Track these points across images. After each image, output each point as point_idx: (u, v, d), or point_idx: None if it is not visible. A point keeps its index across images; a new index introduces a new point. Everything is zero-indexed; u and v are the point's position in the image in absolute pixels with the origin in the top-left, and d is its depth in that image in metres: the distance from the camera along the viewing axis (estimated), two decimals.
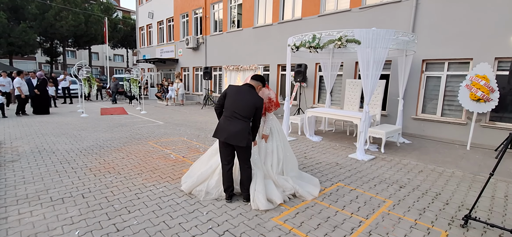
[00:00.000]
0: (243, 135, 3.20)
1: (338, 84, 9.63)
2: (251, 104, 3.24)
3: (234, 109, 3.25)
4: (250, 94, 3.31)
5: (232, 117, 3.25)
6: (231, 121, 3.25)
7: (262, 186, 3.41)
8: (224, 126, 3.28)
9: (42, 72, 11.31)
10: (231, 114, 3.26)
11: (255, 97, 3.30)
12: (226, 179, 3.42)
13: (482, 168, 5.07)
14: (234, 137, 3.20)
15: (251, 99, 3.26)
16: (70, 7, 26.47)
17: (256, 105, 3.26)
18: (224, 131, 3.26)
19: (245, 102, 3.24)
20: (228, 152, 3.36)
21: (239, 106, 3.24)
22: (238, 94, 3.30)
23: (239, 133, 3.19)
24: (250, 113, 3.26)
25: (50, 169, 4.51)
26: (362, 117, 5.62)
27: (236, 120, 3.24)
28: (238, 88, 3.37)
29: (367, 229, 2.94)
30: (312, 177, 4.19)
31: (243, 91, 3.33)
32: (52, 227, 2.82)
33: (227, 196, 3.46)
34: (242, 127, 3.22)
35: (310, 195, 3.67)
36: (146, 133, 7.62)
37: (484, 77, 5.99)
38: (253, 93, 3.34)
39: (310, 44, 5.87)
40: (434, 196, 3.85)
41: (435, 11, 7.34)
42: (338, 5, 9.60)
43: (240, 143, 3.20)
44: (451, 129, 7.27)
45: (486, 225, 2.97)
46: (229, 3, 13.97)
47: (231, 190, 3.46)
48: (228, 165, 3.39)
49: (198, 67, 16.80)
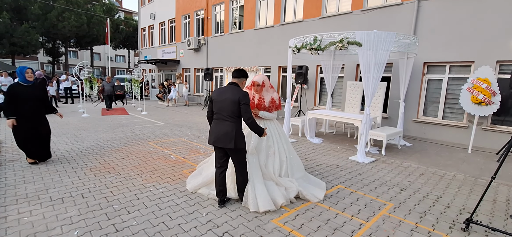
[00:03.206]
0: (230, 136, 3.11)
1: (339, 86, 9.62)
2: (232, 100, 3.11)
3: (218, 111, 3.19)
4: (231, 92, 3.17)
5: (219, 119, 3.20)
6: (218, 124, 3.21)
7: (261, 190, 3.37)
8: (212, 129, 3.26)
9: (41, 72, 11.32)
10: (218, 117, 3.21)
11: (235, 92, 3.15)
12: (218, 182, 3.32)
13: (483, 171, 5.05)
14: (221, 139, 3.15)
15: (231, 96, 3.13)
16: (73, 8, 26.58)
17: (236, 100, 3.10)
18: (212, 134, 3.23)
19: (227, 101, 3.13)
20: (221, 155, 3.29)
21: (222, 107, 3.16)
22: (220, 95, 3.20)
23: (225, 135, 3.12)
24: (234, 111, 3.12)
25: (50, 168, 4.51)
26: (363, 120, 5.60)
27: (222, 121, 3.17)
28: (220, 90, 3.27)
29: (367, 232, 2.92)
30: (319, 180, 4.14)
31: (224, 91, 3.22)
32: (51, 227, 2.81)
33: (219, 200, 3.36)
34: (229, 128, 3.13)
35: (315, 197, 3.62)
36: (147, 133, 7.62)
37: (486, 80, 5.97)
38: (234, 90, 3.19)
39: (311, 46, 5.87)
40: (435, 199, 3.83)
41: (437, 13, 7.33)
42: (339, 7, 9.60)
43: (227, 145, 3.12)
44: (453, 132, 7.24)
45: (487, 229, 2.95)
46: (230, 4, 14.00)
47: (223, 195, 3.36)
48: (221, 168, 3.31)
49: (199, 68, 16.83)
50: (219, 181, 3.31)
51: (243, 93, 3.16)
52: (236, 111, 3.13)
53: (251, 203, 3.27)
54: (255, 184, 3.41)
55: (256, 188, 3.38)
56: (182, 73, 18.20)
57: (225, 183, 3.36)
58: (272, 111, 3.79)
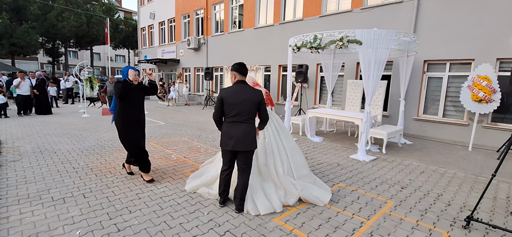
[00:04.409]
0: (251, 138, 3.06)
1: (339, 85, 9.62)
2: (253, 101, 3.03)
3: (237, 113, 3.02)
4: (249, 92, 3.06)
5: (236, 121, 3.04)
6: (235, 126, 3.04)
7: (261, 195, 3.35)
8: (229, 133, 3.06)
9: (41, 72, 11.32)
10: (234, 119, 3.04)
11: (254, 93, 3.07)
12: (223, 182, 3.28)
13: (484, 169, 5.05)
14: (243, 143, 3.02)
15: (251, 97, 3.03)
16: (72, 8, 26.55)
17: (258, 101, 3.06)
18: (230, 138, 3.04)
19: (248, 103, 3.01)
20: (231, 156, 3.18)
21: (242, 109, 3.01)
22: (237, 97, 3.02)
23: (246, 137, 3.03)
24: (253, 112, 3.08)
25: (52, 169, 4.52)
26: (364, 118, 5.61)
27: (240, 124, 3.03)
28: (234, 90, 3.08)
29: (368, 230, 2.93)
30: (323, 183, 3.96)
31: (239, 91, 3.06)
32: (53, 227, 2.82)
33: (221, 200, 3.32)
34: (248, 129, 3.04)
35: (319, 201, 3.47)
36: (147, 133, 7.59)
37: (486, 77, 5.97)
38: (251, 90, 3.10)
39: (311, 45, 5.87)
40: (436, 197, 3.83)
41: (437, 11, 7.32)
42: (339, 5, 9.59)
43: (249, 147, 3.05)
44: (453, 130, 7.24)
45: (488, 227, 2.96)
46: (230, 3, 13.99)
47: (226, 194, 3.35)
48: (229, 169, 3.24)
49: (199, 68, 16.83)
50: (224, 181, 3.27)
51: (261, 93, 3.16)
52: (255, 113, 3.12)
53: (251, 208, 3.22)
54: (253, 192, 3.37)
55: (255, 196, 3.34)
56: (182, 73, 18.20)
57: (229, 183, 3.34)
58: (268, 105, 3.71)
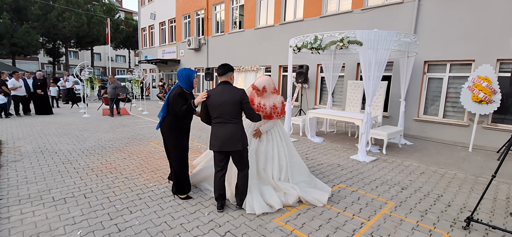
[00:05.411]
0: (236, 138, 3.04)
1: (339, 85, 9.62)
2: (232, 102, 3.03)
3: (219, 115, 3.06)
4: (228, 93, 3.06)
5: (221, 123, 3.07)
6: (220, 127, 3.07)
7: (257, 195, 3.35)
8: (215, 134, 3.10)
9: (42, 73, 11.34)
10: (219, 120, 3.08)
11: (234, 93, 3.06)
12: (218, 186, 3.19)
13: (484, 170, 5.05)
14: (228, 143, 3.03)
15: (230, 98, 3.03)
16: (73, 8, 26.60)
17: (237, 101, 3.04)
18: (217, 139, 3.07)
19: (227, 104, 3.03)
20: (222, 157, 3.16)
21: (223, 111, 3.04)
22: (217, 99, 3.06)
23: (231, 138, 3.03)
24: (236, 112, 3.06)
25: (52, 169, 4.53)
26: (364, 119, 5.61)
27: (225, 124, 3.05)
28: (214, 93, 3.11)
29: (368, 231, 2.94)
30: (324, 184, 3.96)
31: (219, 93, 3.08)
32: (54, 227, 2.83)
33: (219, 205, 3.23)
34: (233, 130, 3.04)
35: (318, 202, 3.48)
36: (148, 133, 7.63)
37: (486, 78, 5.97)
38: (231, 89, 3.09)
39: (311, 45, 5.87)
40: (436, 198, 3.84)
41: (437, 12, 7.33)
42: (340, 6, 9.60)
43: (235, 147, 3.04)
44: (453, 130, 7.24)
45: (488, 227, 2.96)
46: (231, 4, 14.00)
47: (223, 199, 3.25)
48: (221, 171, 3.19)
49: (199, 68, 16.84)
50: (219, 184, 3.20)
51: (242, 91, 3.11)
52: (239, 112, 3.09)
53: (248, 206, 3.24)
54: (251, 189, 3.38)
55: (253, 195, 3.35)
56: None
57: (224, 186, 3.28)
58: (273, 117, 3.65)
